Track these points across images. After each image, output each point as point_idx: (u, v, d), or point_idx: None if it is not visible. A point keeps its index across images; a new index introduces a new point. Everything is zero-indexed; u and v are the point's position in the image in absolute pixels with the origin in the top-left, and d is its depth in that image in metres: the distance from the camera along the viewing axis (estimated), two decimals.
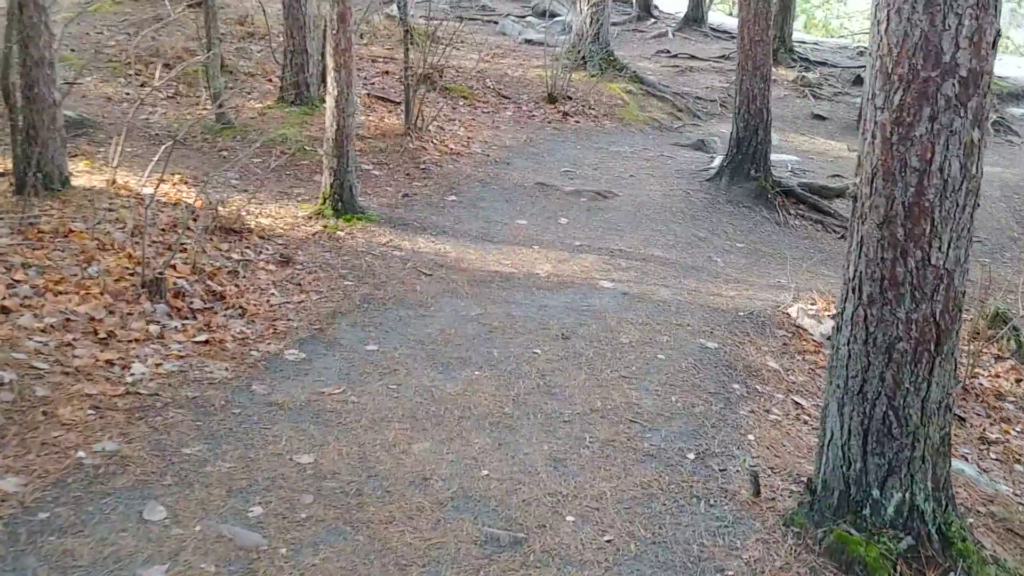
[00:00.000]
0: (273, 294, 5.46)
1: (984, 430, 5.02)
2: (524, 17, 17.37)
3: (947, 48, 2.84)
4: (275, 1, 10.22)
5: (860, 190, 3.17)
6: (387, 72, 10.91)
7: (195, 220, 5.93)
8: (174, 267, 5.28)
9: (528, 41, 14.65)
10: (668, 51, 15.05)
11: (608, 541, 3.34)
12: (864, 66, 15.39)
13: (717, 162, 9.42)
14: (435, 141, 8.81)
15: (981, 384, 5.52)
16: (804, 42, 17.12)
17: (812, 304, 6.10)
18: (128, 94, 8.94)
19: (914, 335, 3.09)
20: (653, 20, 17.58)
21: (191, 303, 5.09)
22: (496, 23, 16.31)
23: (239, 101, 9.27)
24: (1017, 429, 5.14)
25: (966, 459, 4.61)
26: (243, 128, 8.50)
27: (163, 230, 5.87)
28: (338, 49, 6.42)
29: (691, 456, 4.02)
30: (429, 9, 10.14)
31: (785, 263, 7.04)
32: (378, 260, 6.08)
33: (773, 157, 8.81)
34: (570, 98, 11.33)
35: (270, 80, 9.96)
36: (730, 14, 26.69)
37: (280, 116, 8.88)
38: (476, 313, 5.39)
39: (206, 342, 4.72)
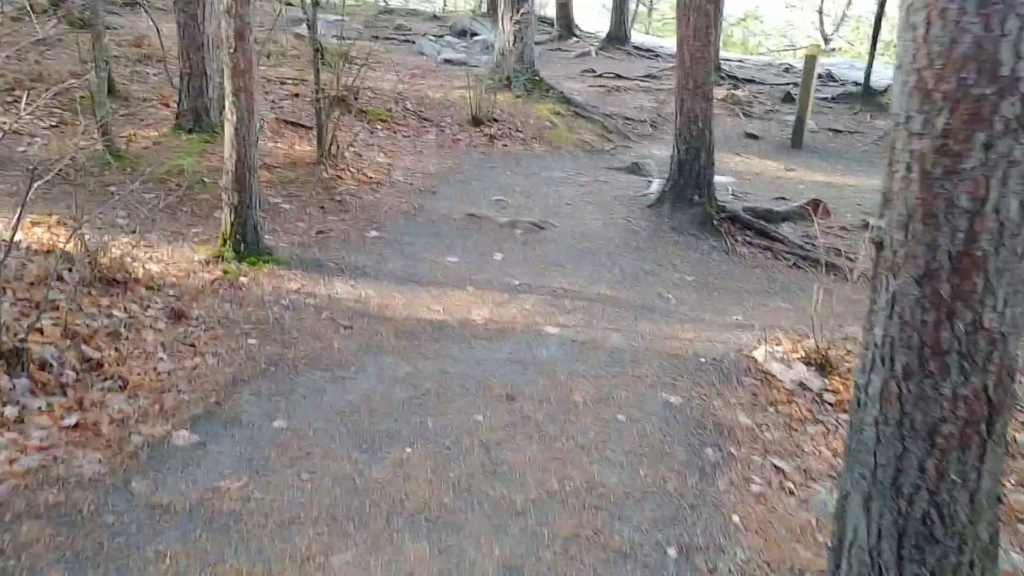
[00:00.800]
0: (161, 359, 4.60)
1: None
2: (442, 37, 16.73)
3: (1006, 58, 2.23)
4: (173, 20, 9.33)
5: (889, 236, 2.54)
6: (297, 95, 10.08)
7: (70, 271, 5.05)
8: (40, 331, 4.39)
9: (448, 61, 13.98)
10: (593, 71, 14.56)
11: None
12: (792, 83, 15.29)
13: (655, 186, 8.86)
14: (352, 169, 8.03)
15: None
16: (729, 60, 16.87)
17: (778, 345, 5.52)
18: (4, 123, 7.92)
19: (962, 414, 2.47)
20: (575, 39, 17.13)
21: (60, 376, 4.21)
22: (413, 43, 15.62)
23: (132, 129, 8.35)
24: None
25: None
26: (135, 159, 7.59)
27: (31, 284, 4.96)
28: (237, 70, 5.61)
29: (672, 552, 3.34)
30: (342, 28, 9.37)
31: (740, 297, 6.46)
32: (288, 311, 5.27)
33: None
34: (496, 120, 10.68)
35: (167, 105, 9.05)
36: (647, 32, 26.58)
37: (177, 145, 7.99)
38: (405, 373, 4.64)
39: (76, 426, 3.86)
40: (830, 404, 5.06)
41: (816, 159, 11.77)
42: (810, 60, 11.55)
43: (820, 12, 24.51)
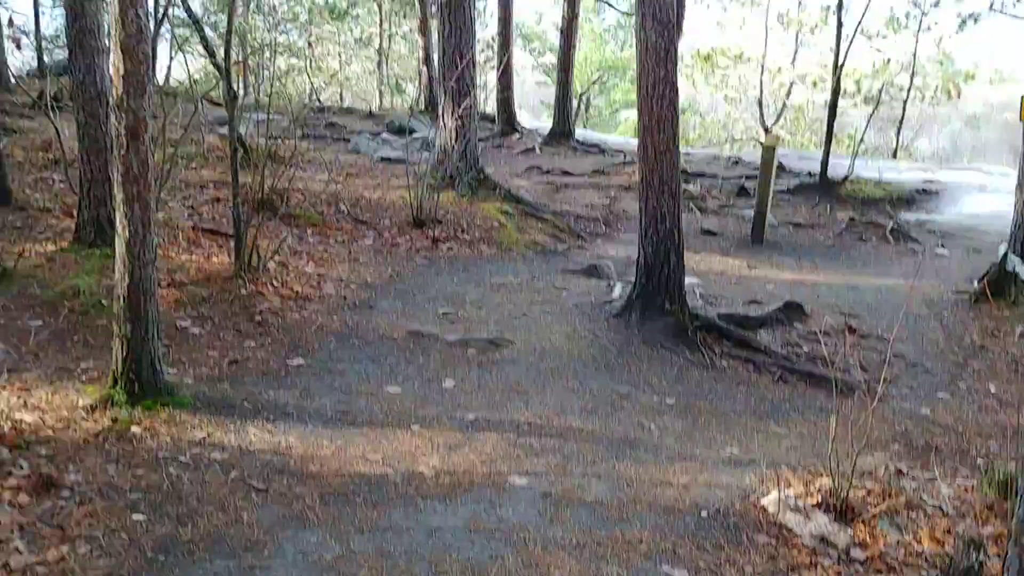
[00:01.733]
0: (17, 549, 3.51)
1: None
2: (379, 134, 16.04)
3: None
4: None
5: None
6: (218, 199, 9.15)
7: None
8: None
9: (385, 159, 13.23)
10: (539, 167, 13.94)
11: None
12: (745, 176, 14.83)
13: (618, 291, 8.03)
14: (275, 283, 7.06)
15: None
16: None
17: (788, 488, 4.60)
18: None
19: None
20: (518, 135, 16.60)
21: None
22: (347, 141, 14.87)
23: (25, 243, 7.30)
24: None
25: None
26: (24, 278, 6.54)
27: None
28: (129, 175, 4.65)
29: None
30: (268, 127, 8.52)
31: (729, 423, 5.59)
32: (188, 471, 4.21)
33: None
34: (439, 221, 9.84)
35: (70, 215, 8.01)
36: (584, 127, 26.40)
37: (75, 261, 6.95)
38: (333, 556, 3.60)
39: None
40: (860, 563, 4.14)
41: (779, 255, 11.13)
42: (769, 151, 11.03)
43: (760, 103, 24.56)
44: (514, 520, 4.00)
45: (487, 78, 20.85)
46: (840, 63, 13.43)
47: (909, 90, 19.96)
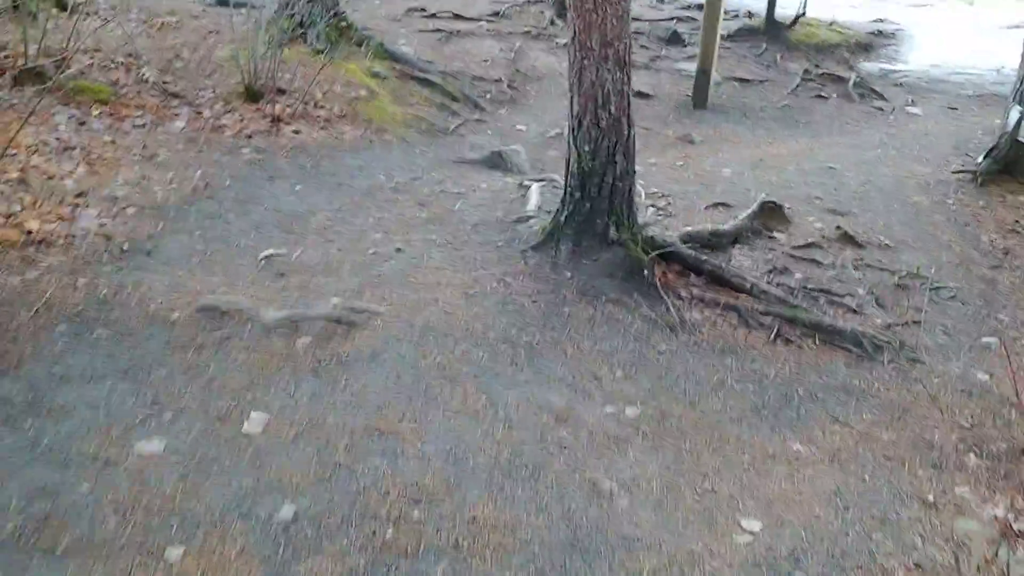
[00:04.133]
0: None
1: None
2: None
3: None
4: None
5: None
6: None
7: None
8: None
9: (223, 2, 10.13)
10: (422, 8, 11.05)
11: None
12: (676, 18, 12.12)
13: (535, 200, 5.65)
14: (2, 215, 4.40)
15: None
16: None
17: None
18: None
19: None
20: None
21: None
22: None
23: None
24: None
25: None
26: None
27: None
28: None
29: None
30: None
31: (727, 450, 3.44)
32: None
33: None
34: (283, 91, 7.13)
35: None
36: None
37: None
38: None
39: None
40: None
41: (729, 122, 8.85)
42: None
43: None
44: None
45: None
46: None
47: None
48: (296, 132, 6.62)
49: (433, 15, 10.82)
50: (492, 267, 4.57)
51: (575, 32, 4.47)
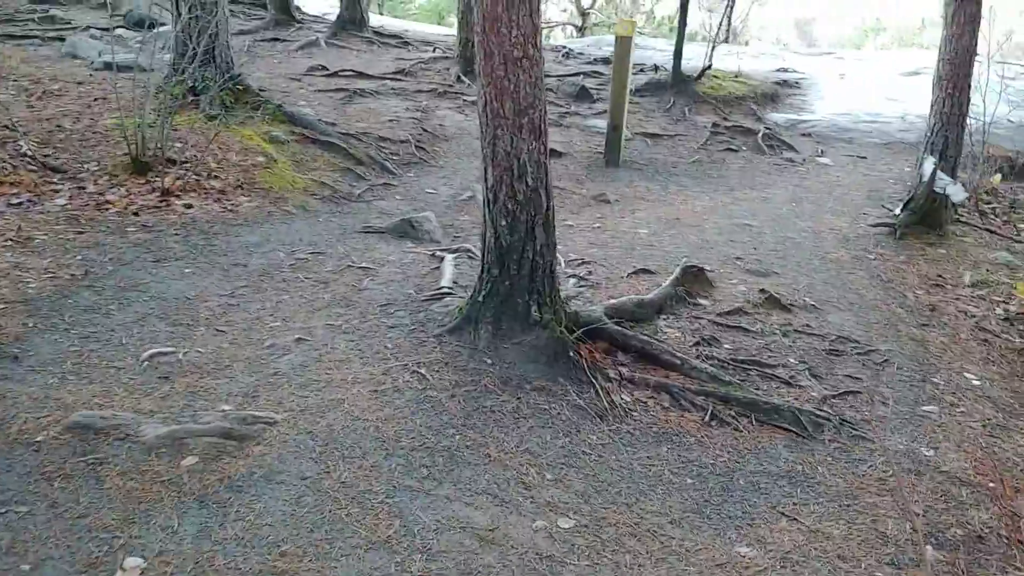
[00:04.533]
0: None
1: None
2: (112, 30, 12.09)
3: None
4: None
5: None
6: None
7: None
8: None
9: (108, 67, 9.56)
10: (324, 67, 10.68)
11: None
12: (582, 73, 11.91)
13: (449, 273, 5.29)
14: None
15: None
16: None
17: None
18: None
19: None
20: (296, 26, 13.08)
21: None
22: (63, 41, 10.94)
23: None
24: None
25: None
26: None
27: None
28: None
29: None
30: None
31: (674, 563, 3.07)
32: None
33: None
34: (174, 162, 6.65)
35: None
36: (381, 13, 22.71)
37: None
38: None
39: None
40: None
41: (643, 179, 8.69)
42: (624, 42, 8.37)
43: None
44: None
45: None
46: None
47: None
48: (188, 206, 6.13)
49: (335, 74, 10.45)
50: (405, 356, 4.17)
51: (486, 100, 4.15)
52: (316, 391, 3.78)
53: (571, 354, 4.28)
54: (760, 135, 9.93)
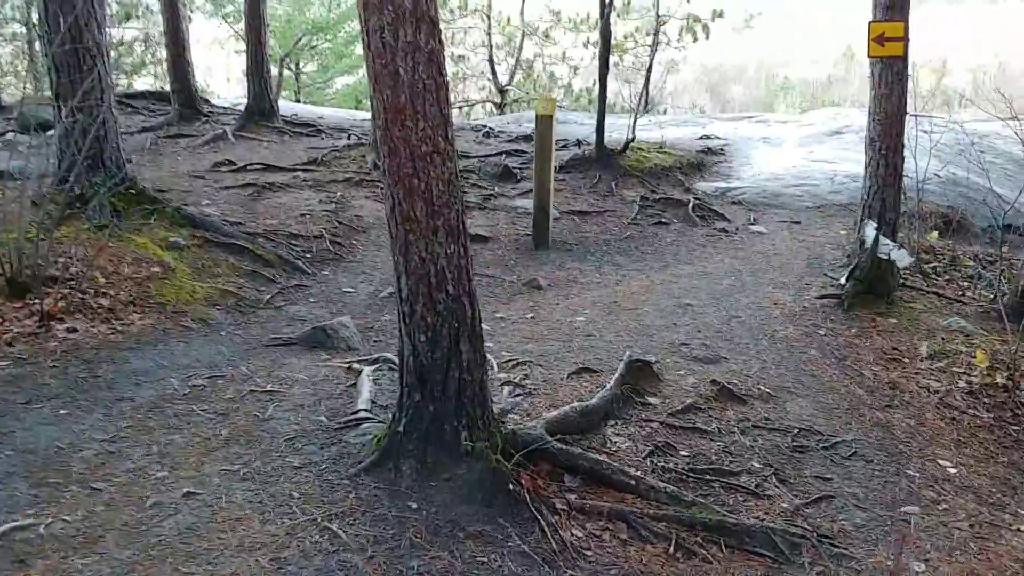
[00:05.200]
0: None
1: None
2: (3, 135, 11.36)
3: None
4: None
5: None
6: None
7: None
8: None
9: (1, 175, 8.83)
10: (231, 161, 10.10)
11: None
12: (504, 152, 11.49)
13: (367, 392, 4.69)
14: None
15: None
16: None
17: None
18: None
19: None
20: (203, 119, 12.49)
21: None
22: None
23: None
24: None
25: None
26: None
27: None
28: None
29: None
30: None
31: None
32: None
33: None
34: (57, 280, 5.94)
35: None
36: (297, 100, 22.28)
37: None
38: None
39: None
40: None
41: (574, 261, 8.25)
42: (545, 121, 8.00)
43: (491, 61, 21.76)
44: None
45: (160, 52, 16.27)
46: (608, 2, 10.65)
47: (656, 35, 17.81)
48: (71, 331, 5.43)
49: (243, 168, 9.87)
50: (314, 507, 3.53)
51: (394, 202, 3.63)
52: (204, 564, 3.12)
53: (511, 486, 3.70)
54: (690, 206, 9.63)
